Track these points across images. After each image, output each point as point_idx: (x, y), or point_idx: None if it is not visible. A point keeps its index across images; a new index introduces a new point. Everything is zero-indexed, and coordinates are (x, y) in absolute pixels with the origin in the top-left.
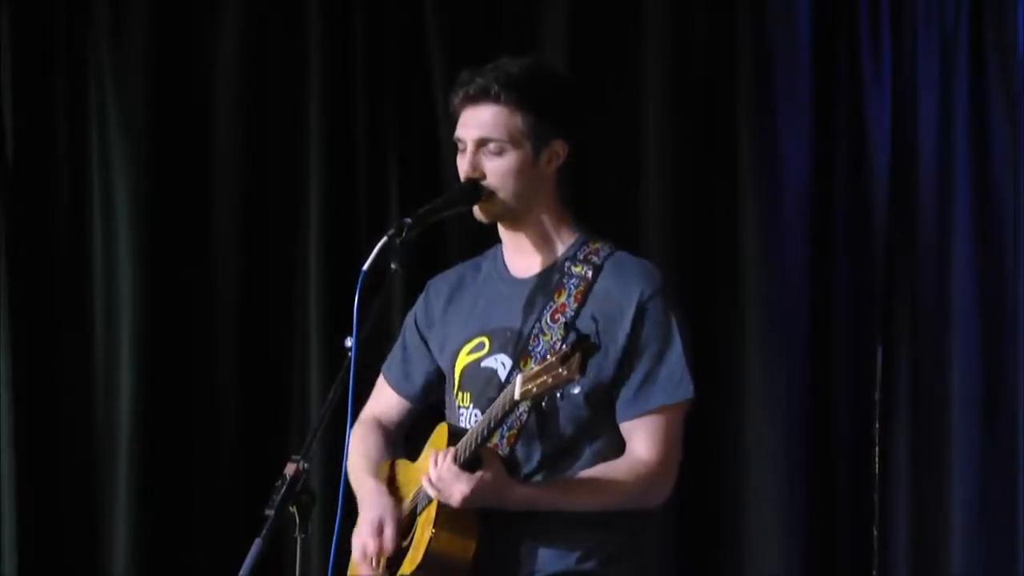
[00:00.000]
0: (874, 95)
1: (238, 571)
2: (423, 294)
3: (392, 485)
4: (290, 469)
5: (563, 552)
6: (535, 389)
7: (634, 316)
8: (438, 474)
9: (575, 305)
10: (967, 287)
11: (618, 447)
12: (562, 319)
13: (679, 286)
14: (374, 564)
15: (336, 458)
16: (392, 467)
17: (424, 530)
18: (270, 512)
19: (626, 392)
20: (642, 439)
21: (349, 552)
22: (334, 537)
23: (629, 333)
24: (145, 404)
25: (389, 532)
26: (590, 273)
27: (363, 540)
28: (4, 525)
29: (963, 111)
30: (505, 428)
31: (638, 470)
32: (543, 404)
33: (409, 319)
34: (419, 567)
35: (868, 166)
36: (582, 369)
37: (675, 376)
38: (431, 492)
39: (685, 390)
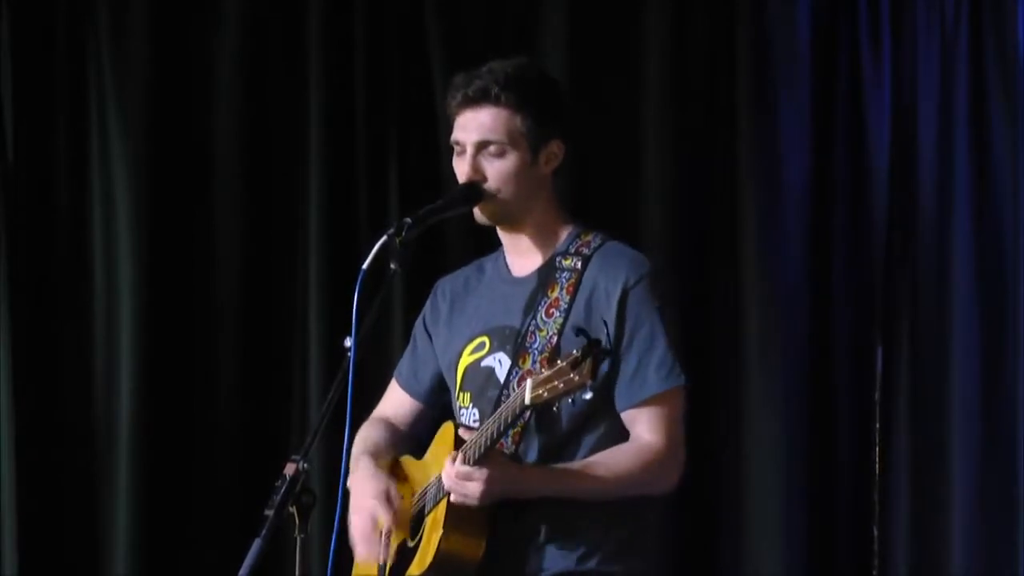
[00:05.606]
0: (874, 95)
1: (238, 571)
2: (431, 296)
3: (395, 482)
4: (290, 469)
5: (565, 551)
6: (546, 395)
7: (619, 303)
8: (450, 476)
9: (567, 298)
10: (967, 287)
11: (615, 435)
12: (556, 313)
13: (679, 286)
14: (384, 533)
15: (336, 458)
16: (395, 464)
17: (433, 531)
18: (270, 512)
19: (621, 381)
20: (645, 426)
21: (349, 552)
22: (333, 537)
23: (615, 320)
24: (145, 404)
25: (398, 502)
26: (579, 264)
27: (370, 511)
28: (4, 525)
29: (963, 111)
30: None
31: (645, 455)
32: (554, 408)
33: (418, 321)
34: (429, 567)
35: (868, 166)
36: (594, 374)
37: (667, 363)
38: (452, 495)
39: (677, 377)
